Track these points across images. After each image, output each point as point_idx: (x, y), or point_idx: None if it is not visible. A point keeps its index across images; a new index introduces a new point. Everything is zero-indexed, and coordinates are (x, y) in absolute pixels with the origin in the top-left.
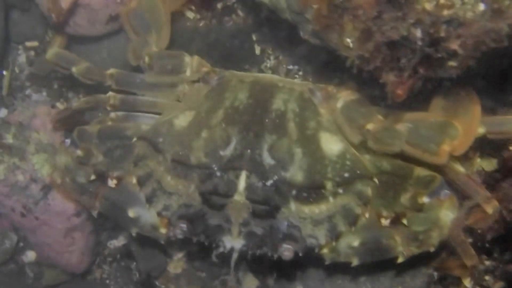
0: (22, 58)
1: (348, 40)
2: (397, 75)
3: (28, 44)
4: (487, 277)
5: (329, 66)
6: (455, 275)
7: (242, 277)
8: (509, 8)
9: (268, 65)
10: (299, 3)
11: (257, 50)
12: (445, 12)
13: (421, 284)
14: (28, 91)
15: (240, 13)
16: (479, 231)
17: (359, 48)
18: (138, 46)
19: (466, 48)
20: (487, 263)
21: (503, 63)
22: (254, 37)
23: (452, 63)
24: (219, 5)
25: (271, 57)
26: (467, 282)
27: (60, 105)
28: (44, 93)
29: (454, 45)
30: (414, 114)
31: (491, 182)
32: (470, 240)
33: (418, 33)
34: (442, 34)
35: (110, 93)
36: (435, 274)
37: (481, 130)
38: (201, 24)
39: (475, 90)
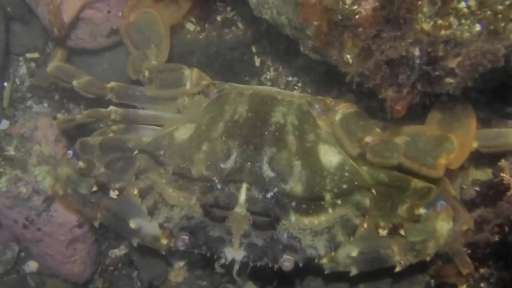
0: (23, 70)
1: (348, 56)
2: (396, 91)
3: (29, 55)
4: (482, 284)
5: (327, 77)
6: (452, 283)
7: (242, 285)
8: (505, 29)
9: (268, 76)
10: (299, 19)
11: (257, 62)
12: (443, 32)
13: None
14: (29, 103)
15: (240, 25)
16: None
17: (359, 65)
18: (138, 60)
19: (464, 69)
20: (482, 270)
21: (497, 78)
22: (253, 49)
23: (449, 80)
24: (219, 18)
25: (271, 69)
26: None
27: (61, 116)
28: (45, 104)
29: (452, 64)
30: (412, 128)
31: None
32: (466, 250)
33: (416, 52)
34: (440, 53)
35: (111, 108)
36: (432, 281)
37: (474, 145)
38: (201, 37)
39: (470, 101)
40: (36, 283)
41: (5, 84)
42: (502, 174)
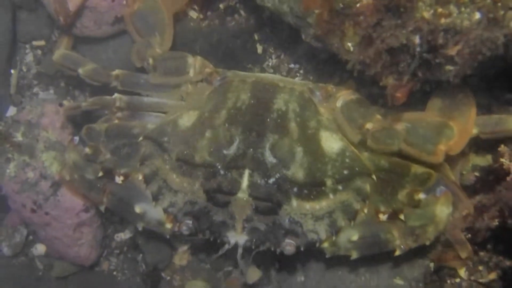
0: (29, 57)
1: (349, 44)
2: (397, 79)
3: (35, 43)
4: (481, 268)
5: (329, 65)
6: (451, 266)
7: (245, 269)
8: (504, 17)
9: (270, 64)
10: (301, 8)
11: (259, 49)
12: (443, 21)
13: (418, 275)
14: (35, 90)
15: (242, 13)
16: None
17: (360, 53)
18: (142, 48)
19: (463, 57)
20: (481, 254)
21: (498, 65)
22: (256, 37)
23: (449, 67)
24: (221, 5)
25: (273, 56)
26: (462, 272)
27: (67, 103)
28: (51, 91)
29: (452, 52)
30: (412, 114)
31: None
32: (466, 234)
33: (417, 40)
34: (440, 41)
35: (116, 95)
36: (432, 265)
37: (474, 131)
38: (203, 24)
39: (470, 88)
40: (44, 265)
41: (12, 71)
42: (501, 159)
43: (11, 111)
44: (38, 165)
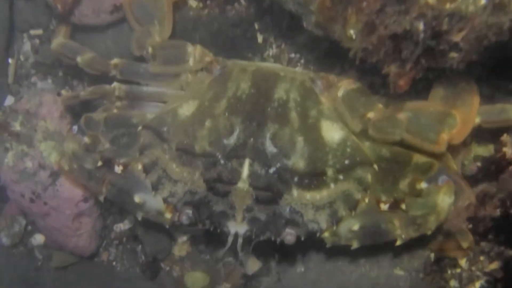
0: (27, 46)
1: (352, 31)
2: (400, 66)
3: (33, 32)
4: (482, 258)
5: (330, 54)
6: (452, 256)
7: (245, 260)
8: (510, 2)
9: (271, 53)
10: None
11: (260, 38)
12: (448, 6)
13: (418, 265)
14: (33, 79)
15: (242, 2)
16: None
17: (362, 40)
18: (141, 37)
19: (468, 42)
20: (483, 244)
21: (501, 53)
22: (256, 26)
23: (454, 54)
24: None
25: (273, 46)
26: (463, 262)
27: (65, 93)
28: (49, 81)
29: (457, 38)
30: (414, 103)
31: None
32: (468, 224)
33: (420, 26)
34: (445, 27)
35: (115, 84)
36: (432, 255)
37: (477, 120)
38: (203, 13)
39: (473, 78)
40: (43, 255)
41: (10, 60)
42: (504, 149)
43: (9, 100)
44: (37, 154)
